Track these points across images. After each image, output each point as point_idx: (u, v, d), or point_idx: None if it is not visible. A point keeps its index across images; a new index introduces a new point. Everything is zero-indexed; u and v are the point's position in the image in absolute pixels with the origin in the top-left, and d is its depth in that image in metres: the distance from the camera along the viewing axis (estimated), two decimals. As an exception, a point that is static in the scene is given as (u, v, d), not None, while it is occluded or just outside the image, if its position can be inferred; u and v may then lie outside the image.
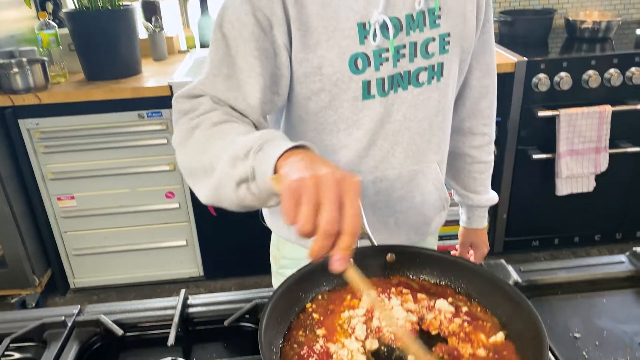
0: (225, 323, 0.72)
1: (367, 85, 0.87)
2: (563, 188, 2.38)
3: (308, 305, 0.72)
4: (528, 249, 2.57)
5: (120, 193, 2.32)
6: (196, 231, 2.42)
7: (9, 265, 2.27)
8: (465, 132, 1.15)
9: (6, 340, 0.71)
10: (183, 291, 0.79)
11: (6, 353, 0.73)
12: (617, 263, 0.81)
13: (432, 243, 1.19)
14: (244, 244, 2.36)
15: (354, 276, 0.60)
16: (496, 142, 2.33)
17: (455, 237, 1.35)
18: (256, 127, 0.85)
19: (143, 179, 2.30)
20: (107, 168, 2.25)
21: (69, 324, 0.75)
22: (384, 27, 0.85)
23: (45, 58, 2.20)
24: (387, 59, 0.87)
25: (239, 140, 0.69)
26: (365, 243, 0.78)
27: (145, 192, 2.32)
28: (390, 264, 0.77)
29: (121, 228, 2.39)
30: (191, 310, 0.79)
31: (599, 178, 2.38)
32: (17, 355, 0.74)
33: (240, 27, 0.80)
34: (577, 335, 0.70)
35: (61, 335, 0.73)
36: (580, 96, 2.25)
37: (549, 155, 2.33)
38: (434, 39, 0.90)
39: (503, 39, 2.52)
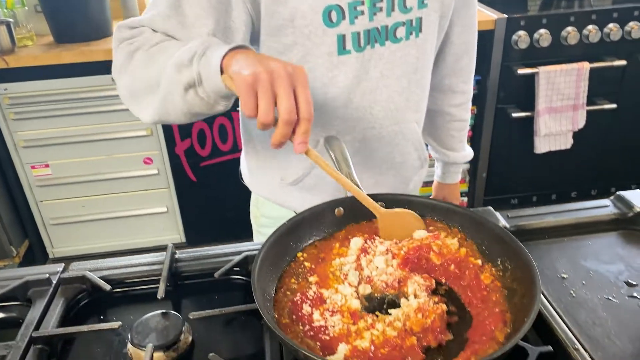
0: (216, 275, 0.71)
1: (342, 39, 0.85)
2: (541, 146, 2.40)
3: (299, 254, 0.72)
4: (507, 207, 2.61)
5: (97, 160, 2.26)
6: (176, 197, 2.39)
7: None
8: (445, 89, 1.14)
9: (-12, 301, 0.69)
10: (171, 245, 0.78)
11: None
12: (602, 207, 0.82)
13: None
14: (225, 208, 2.35)
15: (316, 157, 0.69)
16: (476, 101, 2.36)
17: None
18: None
19: (119, 144, 2.24)
20: (82, 134, 2.19)
21: (54, 282, 0.73)
22: None
23: (11, 20, 2.10)
24: (362, 12, 0.85)
25: (182, 50, 0.69)
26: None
27: (123, 158, 2.27)
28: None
29: (99, 196, 2.34)
30: (180, 264, 0.78)
31: (576, 135, 2.41)
32: (0, 314, 0.73)
33: None
34: (565, 275, 0.71)
35: (46, 293, 0.72)
36: (559, 53, 2.26)
37: (528, 114, 2.34)
38: (412, -7, 0.87)
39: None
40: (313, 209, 0.76)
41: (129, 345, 0.63)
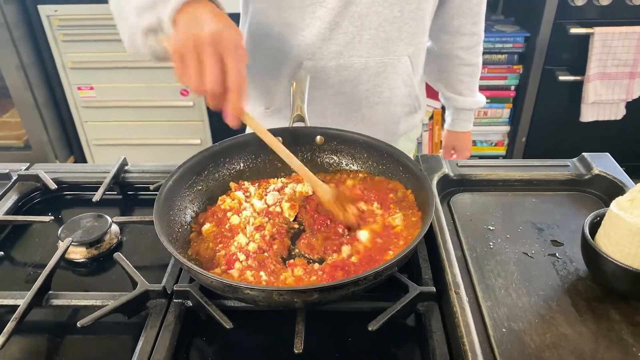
0: (151, 187, 0.74)
1: None
2: (589, 114, 2.25)
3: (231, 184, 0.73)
4: (545, 175, 2.49)
5: (137, 87, 2.35)
6: (210, 130, 2.46)
7: (33, 148, 2.40)
8: (453, 31, 1.08)
9: (-47, 185, 0.77)
10: (123, 157, 0.82)
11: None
12: (561, 166, 0.77)
13: (404, 146, 1.16)
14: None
15: (253, 123, 0.66)
16: (522, 60, 2.23)
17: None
18: None
19: (159, 74, 2.31)
20: (125, 60, 2.27)
21: (14, 177, 0.79)
22: None
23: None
24: None
25: None
26: (300, 124, 0.77)
27: (161, 87, 2.35)
28: (320, 146, 0.77)
29: (138, 122, 2.45)
30: (129, 175, 0.82)
31: (629, 106, 2.23)
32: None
33: None
34: (491, 227, 0.68)
35: (4, 186, 0.78)
36: (620, 14, 2.06)
37: (577, 78, 2.18)
38: None
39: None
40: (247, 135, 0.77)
41: (59, 240, 0.68)
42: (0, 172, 0.80)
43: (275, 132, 0.76)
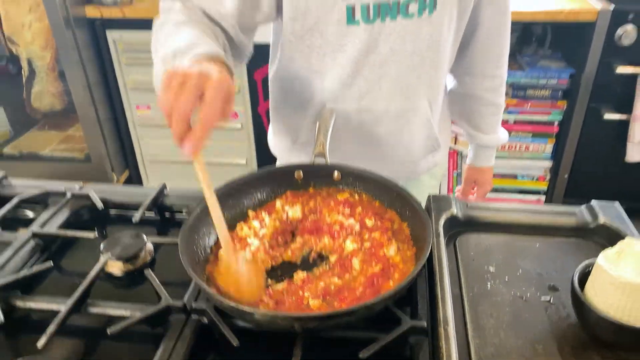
0: (184, 211, 0.83)
1: (351, 10, 0.89)
2: (635, 154, 2.20)
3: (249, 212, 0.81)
4: (588, 213, 2.44)
5: (190, 108, 2.50)
6: (255, 151, 2.57)
7: (93, 161, 2.58)
8: (477, 74, 1.13)
9: (16, 199, 0.88)
10: (163, 183, 0.91)
11: (21, 212, 0.90)
12: (569, 213, 0.80)
13: (428, 183, 1.20)
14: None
15: (200, 168, 0.67)
16: (566, 96, 2.22)
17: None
18: (231, 39, 0.90)
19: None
20: (180, 83, 2.42)
21: (68, 195, 0.90)
22: None
23: (132, -25, 2.36)
24: None
25: (177, 43, 0.77)
26: (320, 161, 0.84)
27: (212, 109, 2.48)
28: (336, 181, 0.83)
29: (189, 141, 2.59)
30: (167, 199, 0.91)
31: (679, 148, 2.18)
32: (31, 214, 0.92)
33: None
34: (492, 269, 0.72)
35: (59, 202, 0.89)
36: (670, 54, 2.03)
37: (623, 116, 2.15)
38: (426, -33, 0.89)
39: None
40: (275, 169, 0.85)
41: (101, 254, 0.77)
42: (58, 190, 0.90)
43: (295, 167, 0.84)
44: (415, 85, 0.99)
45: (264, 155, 2.56)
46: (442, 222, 0.77)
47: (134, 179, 2.76)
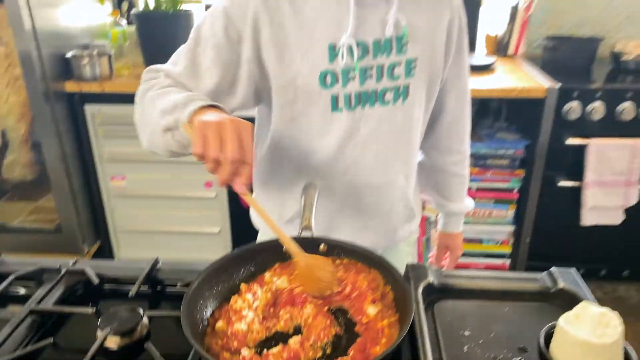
0: (178, 284, 0.87)
1: (335, 99, 1.00)
2: (588, 218, 2.36)
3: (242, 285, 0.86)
4: (550, 275, 2.55)
5: (165, 179, 2.55)
6: (229, 220, 2.62)
7: (64, 232, 2.57)
8: (444, 150, 1.25)
9: (11, 277, 0.91)
10: (156, 257, 0.96)
11: (12, 288, 0.93)
12: (532, 279, 0.88)
13: (404, 250, 1.29)
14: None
15: (253, 201, 0.81)
16: (523, 166, 2.38)
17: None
18: None
19: (186, 167, 2.51)
20: (156, 154, 2.48)
21: (63, 271, 0.93)
22: (351, 49, 0.97)
23: (113, 52, 2.47)
24: (353, 78, 0.99)
25: (171, 98, 0.86)
26: (307, 234, 0.91)
27: (187, 180, 2.54)
28: (323, 253, 0.90)
29: (163, 210, 2.62)
30: (160, 272, 0.95)
31: (629, 211, 2.34)
32: (22, 291, 0.94)
33: (212, 34, 0.96)
34: (467, 333, 0.79)
35: (54, 278, 0.92)
36: (612, 127, 2.23)
37: (575, 184, 2.32)
38: (400, 63, 1.01)
39: (546, 65, 2.53)
40: (265, 243, 0.91)
41: (98, 329, 0.80)
42: (53, 266, 0.94)
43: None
44: (392, 162, 1.09)
45: (238, 224, 2.61)
46: (420, 290, 0.84)
47: (105, 250, 2.74)
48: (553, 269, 0.89)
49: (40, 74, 2.24)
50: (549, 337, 0.70)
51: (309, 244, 0.89)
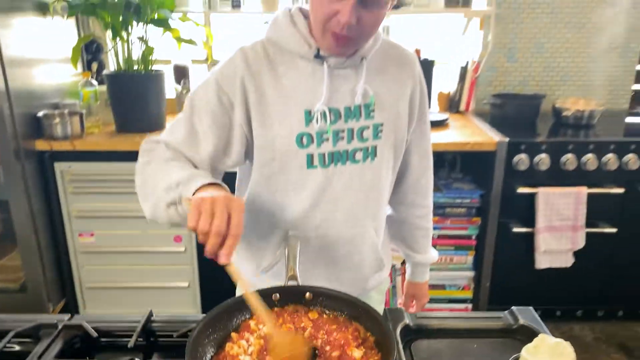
0: (174, 335, 0.93)
1: (310, 157, 1.11)
2: (542, 262, 2.52)
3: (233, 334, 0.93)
4: (510, 318, 2.68)
5: (134, 234, 2.57)
6: (198, 274, 2.64)
7: (29, 290, 2.53)
8: (409, 204, 1.37)
9: (10, 334, 0.94)
10: (150, 309, 1.01)
11: (8, 345, 0.96)
12: (496, 318, 0.99)
13: (375, 298, 1.37)
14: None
15: (234, 271, 0.85)
16: (479, 214, 2.54)
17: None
18: None
19: (155, 222, 2.54)
20: (125, 210, 2.51)
21: (59, 327, 0.97)
22: (325, 115, 1.09)
23: (84, 111, 2.53)
24: (327, 139, 1.11)
25: (175, 175, 0.94)
26: (292, 283, 0.99)
27: (156, 234, 2.57)
28: (309, 301, 0.98)
29: (132, 266, 2.63)
30: (155, 324, 1.01)
31: (578, 254, 2.51)
32: (17, 347, 0.97)
33: (207, 102, 1.06)
34: (442, 368, 0.88)
35: (51, 334, 0.96)
36: (558, 177, 2.43)
37: (528, 230, 2.49)
38: (368, 127, 1.13)
39: (494, 120, 2.75)
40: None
41: (98, 380, 0.85)
42: (50, 322, 0.98)
43: (273, 290, 0.98)
44: (363, 216, 1.19)
45: (207, 278, 2.64)
46: (398, 331, 0.93)
47: (70, 308, 2.70)
48: (513, 307, 1.00)
49: (11, 132, 2.27)
50: (514, 366, 0.80)
51: (296, 293, 0.97)
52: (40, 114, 2.41)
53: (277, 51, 1.09)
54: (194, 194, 0.89)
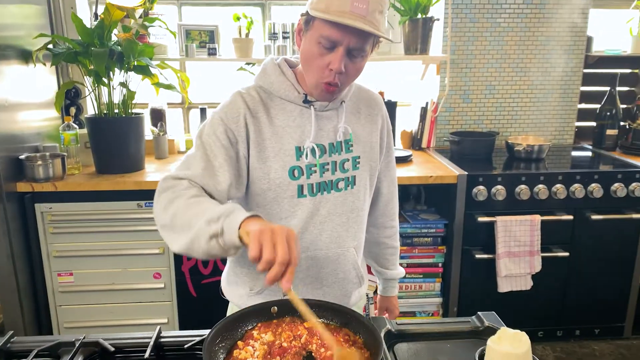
0: (185, 346, 1.04)
1: (300, 188, 1.26)
2: (503, 286, 2.70)
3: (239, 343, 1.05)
4: (477, 341, 2.84)
5: (114, 272, 2.62)
6: (177, 310, 2.70)
7: (7, 332, 2.52)
8: (379, 226, 1.54)
9: (34, 352, 1.03)
10: (159, 327, 1.12)
11: (31, 363, 1.04)
12: (465, 322, 1.15)
13: (357, 314, 1.51)
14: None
15: (294, 297, 0.93)
16: (445, 242, 2.72)
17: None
18: None
19: (135, 260, 2.61)
20: (105, 249, 2.58)
21: (77, 344, 1.07)
22: (313, 150, 1.25)
23: (65, 154, 2.61)
24: (315, 171, 1.27)
25: (213, 209, 1.02)
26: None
27: (136, 272, 2.63)
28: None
29: (111, 304, 2.67)
30: (164, 339, 1.11)
31: (535, 278, 2.71)
32: (36, 366, 1.06)
33: (217, 138, 1.19)
34: (421, 365, 1.02)
35: (70, 352, 1.05)
36: (514, 206, 2.65)
37: (490, 256, 2.68)
38: (348, 160, 1.30)
39: (453, 156, 2.98)
40: (255, 305, 1.11)
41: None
42: (69, 340, 1.07)
43: (272, 303, 1.11)
44: (345, 237, 1.34)
45: (186, 314, 2.70)
46: (382, 335, 1.07)
47: (48, 348, 2.70)
48: (479, 312, 1.16)
49: (-6, 176, 2.33)
50: (481, 356, 0.95)
51: (291, 306, 1.09)
52: (22, 156, 2.48)
53: (267, 96, 1.26)
54: (239, 227, 0.96)
